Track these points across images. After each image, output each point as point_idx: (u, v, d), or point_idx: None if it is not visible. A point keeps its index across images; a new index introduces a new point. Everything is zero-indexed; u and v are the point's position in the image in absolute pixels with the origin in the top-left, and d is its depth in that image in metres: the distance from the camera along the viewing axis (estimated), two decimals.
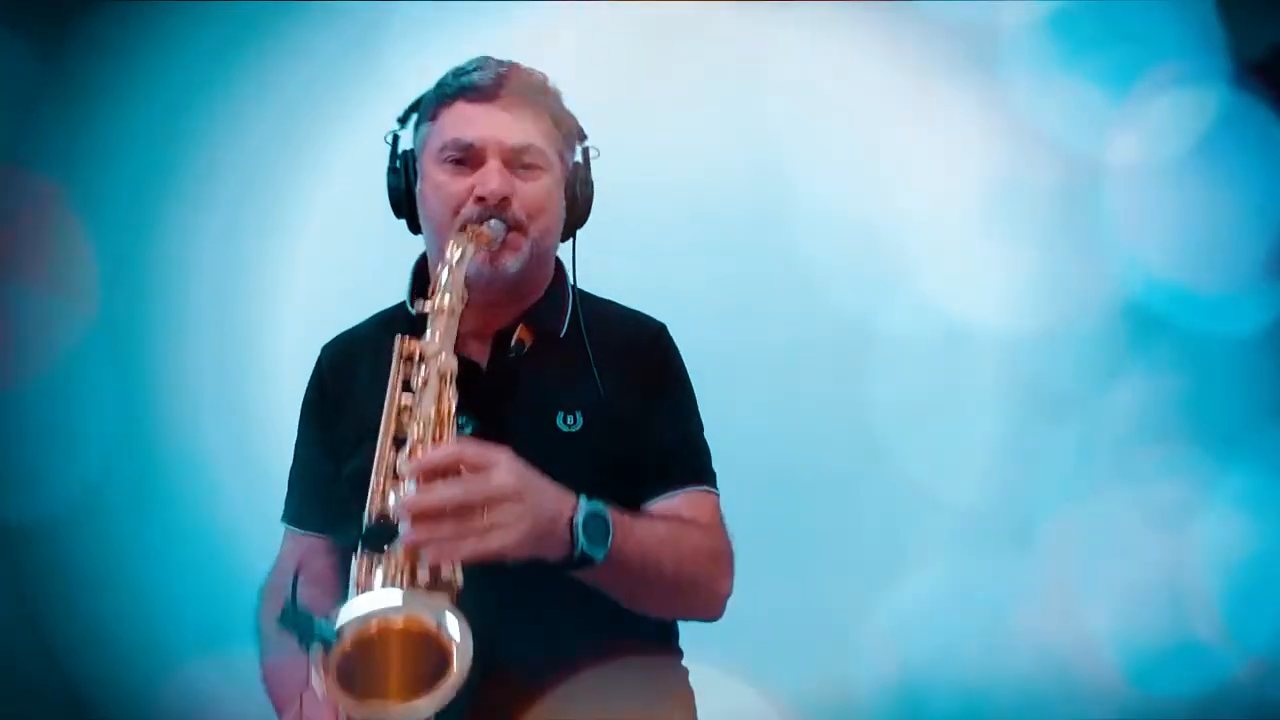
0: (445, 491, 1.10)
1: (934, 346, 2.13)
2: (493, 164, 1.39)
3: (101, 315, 2.11)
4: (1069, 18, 2.06)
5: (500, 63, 1.44)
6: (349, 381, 1.49)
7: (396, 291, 1.51)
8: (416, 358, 1.26)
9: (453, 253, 1.32)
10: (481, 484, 1.11)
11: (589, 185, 1.49)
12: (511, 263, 1.40)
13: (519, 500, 1.12)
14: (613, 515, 1.22)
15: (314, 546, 1.51)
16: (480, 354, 1.45)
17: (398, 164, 1.48)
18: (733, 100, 2.17)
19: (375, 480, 1.20)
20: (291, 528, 1.54)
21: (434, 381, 1.23)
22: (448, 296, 1.28)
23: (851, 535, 2.12)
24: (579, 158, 1.50)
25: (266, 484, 1.70)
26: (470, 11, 2.08)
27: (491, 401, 1.37)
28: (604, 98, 2.08)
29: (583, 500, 1.20)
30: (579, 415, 1.41)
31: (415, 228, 1.49)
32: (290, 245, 2.15)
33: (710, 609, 1.40)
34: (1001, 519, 2.11)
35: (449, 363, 1.25)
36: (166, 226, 2.13)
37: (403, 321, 1.42)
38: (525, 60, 1.47)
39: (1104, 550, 2.06)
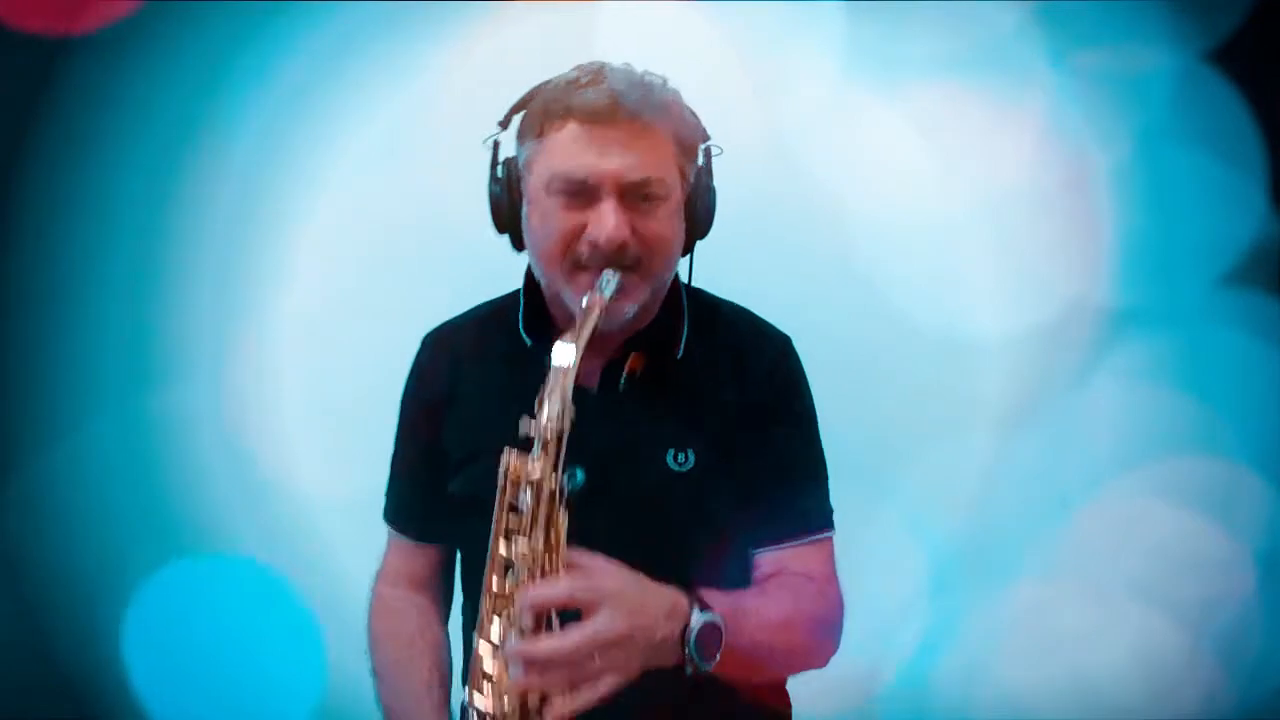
0: (556, 644, 1.10)
1: (929, 347, 2.13)
2: (608, 204, 1.27)
3: (103, 317, 2.11)
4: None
5: (615, 73, 1.30)
6: (451, 387, 1.43)
7: (398, 294, 1.50)
8: (523, 481, 1.18)
9: (560, 359, 1.18)
10: (591, 632, 1.10)
11: (710, 192, 1.37)
12: (628, 308, 1.31)
13: (628, 644, 1.11)
14: (725, 617, 1.17)
15: (416, 550, 1.51)
16: (592, 379, 1.36)
17: (500, 173, 1.36)
18: (729, 96, 2.15)
19: (485, 603, 1.20)
20: (394, 532, 1.52)
21: (543, 509, 1.17)
22: (554, 422, 1.17)
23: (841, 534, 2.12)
24: (700, 160, 1.36)
25: (264, 488, 1.70)
26: (478, 11, 2.08)
27: (602, 439, 1.30)
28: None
29: (695, 614, 1.16)
30: (690, 454, 1.34)
31: (518, 245, 1.38)
32: (291, 245, 2.15)
33: (818, 666, 1.36)
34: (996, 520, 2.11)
35: (557, 481, 1.17)
36: (167, 229, 2.14)
37: (509, 327, 1.40)
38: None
39: (1096, 558, 2.06)
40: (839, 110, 2.11)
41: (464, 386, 1.43)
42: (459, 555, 1.50)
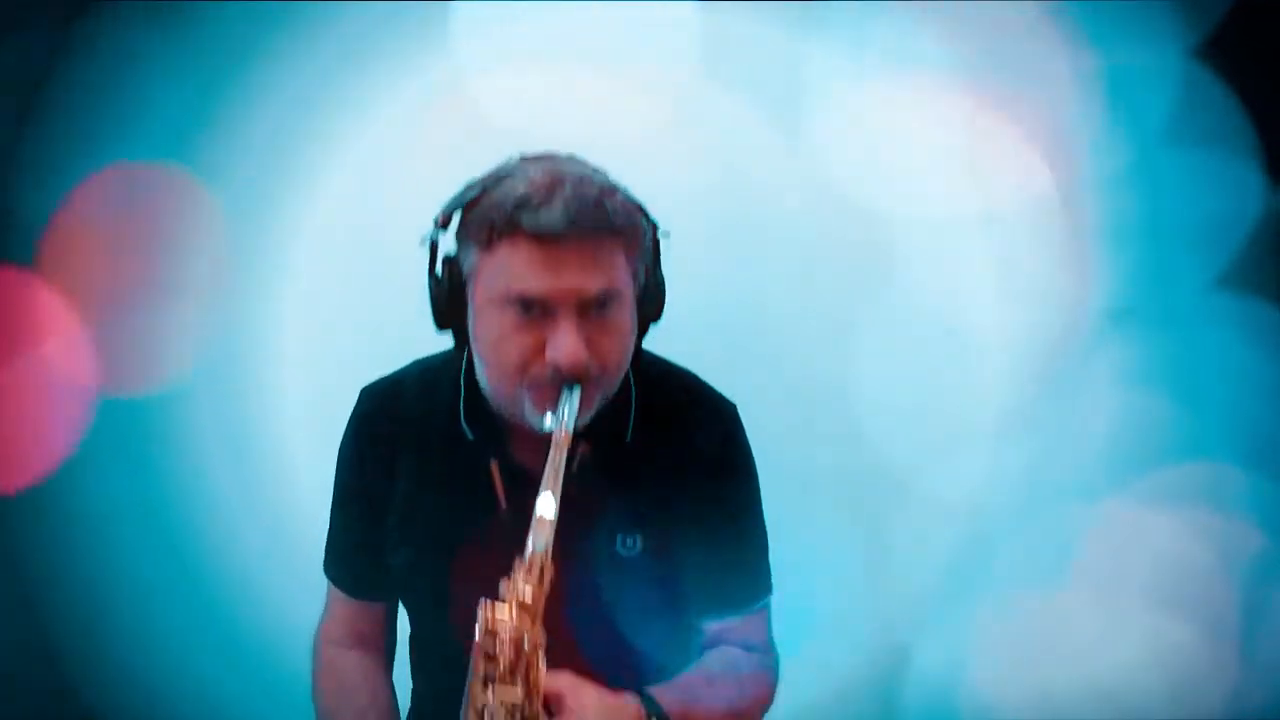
0: None
1: (929, 346, 2.13)
2: (567, 323, 1.25)
3: None
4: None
5: (567, 182, 1.25)
6: (390, 463, 1.44)
7: (400, 298, 1.49)
8: (502, 635, 1.19)
9: (542, 511, 1.20)
10: None
11: (660, 284, 1.36)
12: (585, 417, 1.29)
13: None
14: (672, 712, 1.29)
15: (360, 606, 1.52)
16: (539, 466, 1.29)
17: (440, 273, 1.32)
18: (727, 94, 2.15)
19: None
20: (334, 586, 1.53)
21: (524, 660, 1.19)
22: (534, 584, 1.19)
23: (833, 532, 2.13)
24: (649, 244, 1.34)
25: (263, 487, 1.69)
26: (481, 10, 2.07)
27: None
28: (594, 94, 2.13)
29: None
30: (638, 539, 1.39)
31: (460, 342, 1.36)
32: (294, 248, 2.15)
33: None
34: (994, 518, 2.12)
35: (539, 636, 1.20)
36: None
37: (447, 406, 1.40)
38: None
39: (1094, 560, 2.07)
40: (834, 110, 2.11)
41: (403, 463, 1.43)
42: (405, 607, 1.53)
